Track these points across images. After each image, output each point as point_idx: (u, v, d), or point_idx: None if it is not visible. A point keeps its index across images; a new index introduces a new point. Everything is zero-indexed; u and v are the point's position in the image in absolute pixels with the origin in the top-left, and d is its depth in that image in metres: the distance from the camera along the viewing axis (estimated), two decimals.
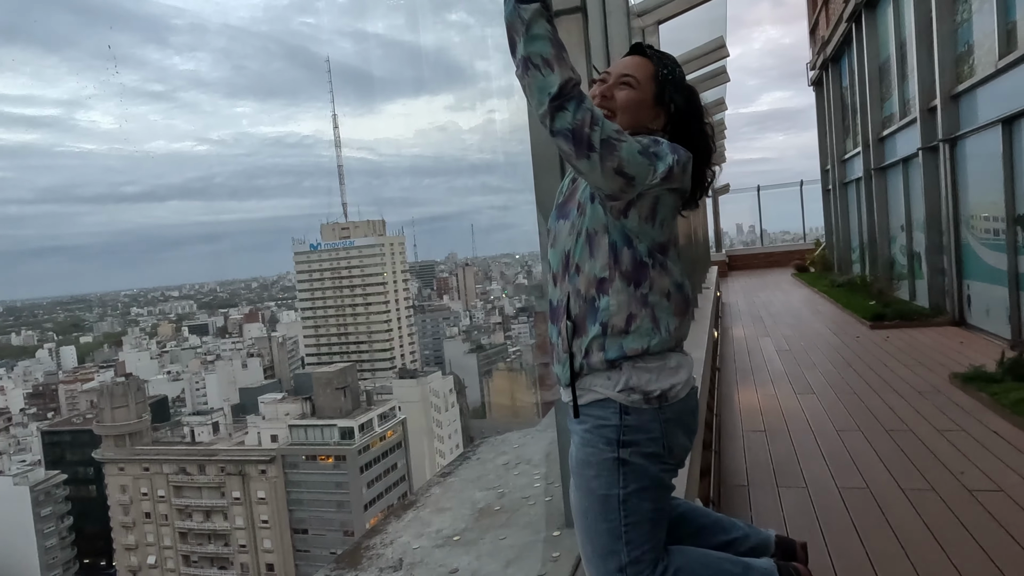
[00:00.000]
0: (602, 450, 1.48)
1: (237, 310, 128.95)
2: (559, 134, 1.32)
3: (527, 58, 1.29)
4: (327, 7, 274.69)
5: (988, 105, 8.19)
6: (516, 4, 1.30)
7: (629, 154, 1.35)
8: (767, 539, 1.80)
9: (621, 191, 1.40)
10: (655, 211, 1.45)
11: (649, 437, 1.47)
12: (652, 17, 5.24)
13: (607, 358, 1.46)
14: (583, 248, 1.49)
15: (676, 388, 1.49)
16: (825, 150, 19.22)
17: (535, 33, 1.29)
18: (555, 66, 1.29)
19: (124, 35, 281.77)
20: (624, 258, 1.46)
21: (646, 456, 1.47)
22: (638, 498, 1.47)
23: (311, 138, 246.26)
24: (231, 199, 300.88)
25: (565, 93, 1.29)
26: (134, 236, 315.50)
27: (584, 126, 1.30)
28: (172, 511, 60.26)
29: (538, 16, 1.29)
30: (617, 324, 1.46)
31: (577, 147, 1.31)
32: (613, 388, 1.47)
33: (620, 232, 1.46)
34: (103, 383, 69.36)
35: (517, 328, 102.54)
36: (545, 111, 1.31)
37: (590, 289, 1.48)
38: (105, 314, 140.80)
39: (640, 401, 1.46)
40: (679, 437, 1.52)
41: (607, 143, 1.32)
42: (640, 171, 1.37)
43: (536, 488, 2.89)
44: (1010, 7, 7.56)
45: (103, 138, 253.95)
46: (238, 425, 69.43)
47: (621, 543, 1.48)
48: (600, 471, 1.48)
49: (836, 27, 15.74)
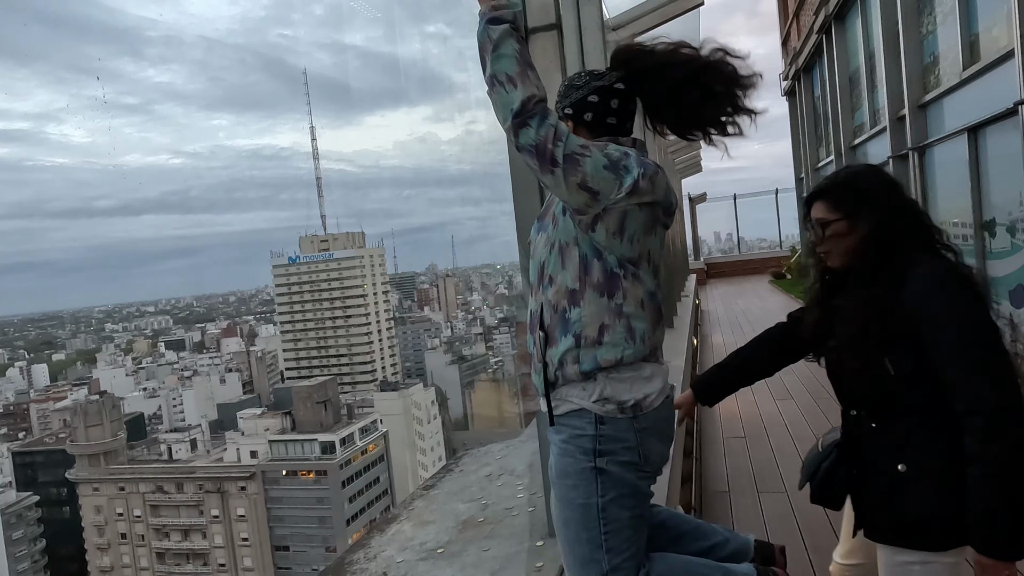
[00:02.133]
0: (579, 460, 1.50)
1: (215, 325, 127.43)
2: (523, 149, 1.36)
3: (493, 75, 1.35)
4: (304, 19, 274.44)
5: (954, 114, 8.41)
6: (486, 24, 1.36)
7: (593, 169, 1.37)
8: (746, 544, 1.83)
9: (587, 205, 1.41)
10: (623, 226, 1.45)
11: (625, 446, 1.49)
12: (627, 31, 5.31)
13: (582, 370, 1.48)
14: (556, 260, 1.51)
15: (650, 398, 1.51)
16: (799, 159, 19.54)
17: (501, 52, 1.35)
18: (518, 83, 1.33)
19: (97, 47, 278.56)
20: (594, 270, 1.47)
21: (622, 465, 1.49)
22: (617, 506, 1.49)
23: (288, 150, 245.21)
24: (208, 212, 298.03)
25: (527, 110, 1.33)
26: (108, 251, 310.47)
27: (547, 142, 1.33)
28: (149, 531, 59.09)
29: (506, 36, 1.35)
30: (590, 335, 1.47)
31: (541, 162, 1.35)
32: (588, 399, 1.48)
33: (589, 245, 1.47)
34: (76, 401, 68.03)
35: (499, 339, 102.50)
36: (509, 127, 1.35)
37: (561, 300, 1.50)
38: (78, 331, 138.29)
39: (615, 411, 1.48)
40: (655, 445, 1.54)
41: (570, 158, 1.35)
42: (605, 186, 1.39)
43: (519, 499, 2.89)
44: (972, 19, 7.78)
45: (76, 151, 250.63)
46: (216, 441, 68.40)
47: (601, 551, 1.50)
48: (578, 481, 1.50)
49: (807, 38, 16.06)
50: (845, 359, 1.59)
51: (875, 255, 1.55)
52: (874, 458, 1.60)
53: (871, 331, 1.50)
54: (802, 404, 6.12)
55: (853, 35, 12.96)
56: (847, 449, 1.69)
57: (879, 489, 1.58)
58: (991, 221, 7.73)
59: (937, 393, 1.46)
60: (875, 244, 1.55)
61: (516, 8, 1.41)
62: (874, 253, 1.55)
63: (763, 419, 5.76)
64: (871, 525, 1.63)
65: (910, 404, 1.52)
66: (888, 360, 1.50)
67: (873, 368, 1.52)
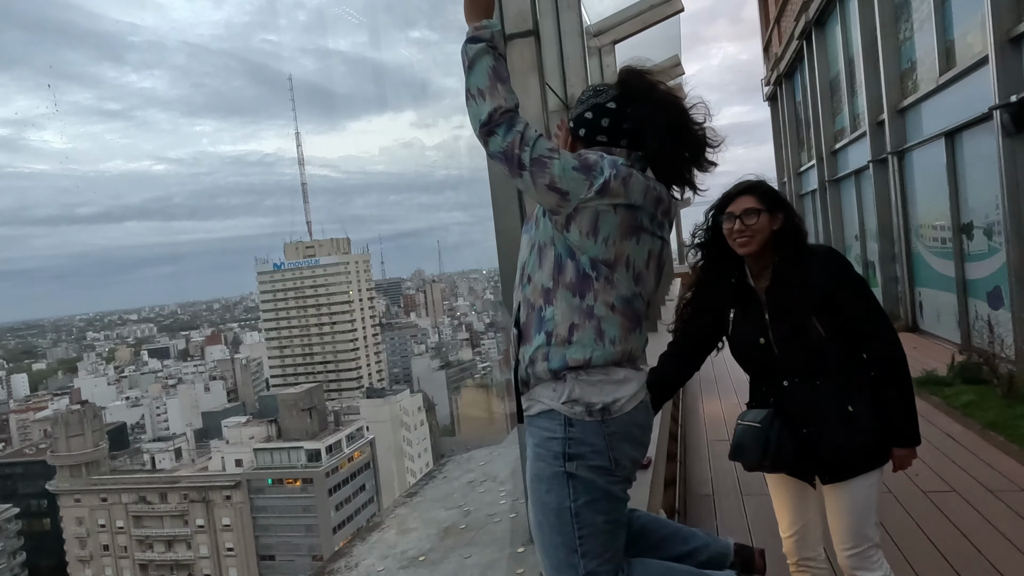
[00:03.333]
0: (551, 464, 1.51)
1: (199, 332, 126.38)
2: (494, 156, 1.46)
3: (468, 89, 1.47)
4: (289, 24, 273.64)
5: (932, 119, 8.54)
6: (466, 43, 1.48)
7: (562, 170, 1.44)
8: (726, 548, 1.83)
9: (558, 205, 1.47)
10: (596, 227, 1.48)
11: (594, 450, 1.49)
12: (608, 37, 5.36)
13: (550, 367, 1.50)
14: (534, 259, 1.56)
15: (620, 402, 1.51)
16: (781, 163, 19.75)
17: (476, 68, 1.46)
18: (487, 96, 1.44)
19: (78, 53, 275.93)
20: (567, 270, 1.51)
21: (592, 469, 1.49)
22: (590, 510, 1.49)
23: (272, 156, 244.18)
24: (191, 219, 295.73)
25: (494, 120, 1.43)
26: (89, 259, 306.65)
27: (513, 147, 1.43)
28: (132, 542, 58.27)
29: (481, 54, 1.46)
30: (560, 333, 1.50)
31: (510, 167, 1.44)
32: (557, 400, 1.50)
33: (564, 245, 1.51)
34: (57, 411, 67.06)
35: (486, 344, 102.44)
36: (479, 136, 1.46)
37: (537, 299, 1.54)
38: (59, 340, 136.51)
39: (583, 413, 1.49)
40: (626, 450, 1.53)
41: (538, 161, 1.43)
42: (574, 186, 1.44)
43: (502, 505, 2.89)
44: (948, 26, 7.92)
45: (56, 158, 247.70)
46: (201, 450, 67.73)
47: (577, 556, 1.49)
48: (551, 485, 1.51)
49: (788, 44, 16.25)
50: (785, 333, 1.97)
51: (792, 242, 1.98)
52: (824, 409, 1.96)
53: (805, 306, 1.93)
54: None
55: (833, 41, 13.13)
56: (789, 414, 2.00)
57: (835, 434, 1.94)
58: (969, 224, 7.85)
59: (850, 346, 1.96)
60: (791, 233, 1.98)
61: (495, 28, 1.51)
62: (792, 240, 1.98)
63: None
64: (831, 470, 1.98)
65: (834, 360, 1.95)
66: (819, 325, 1.94)
67: (811, 333, 1.93)
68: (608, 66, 5.51)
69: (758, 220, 1.95)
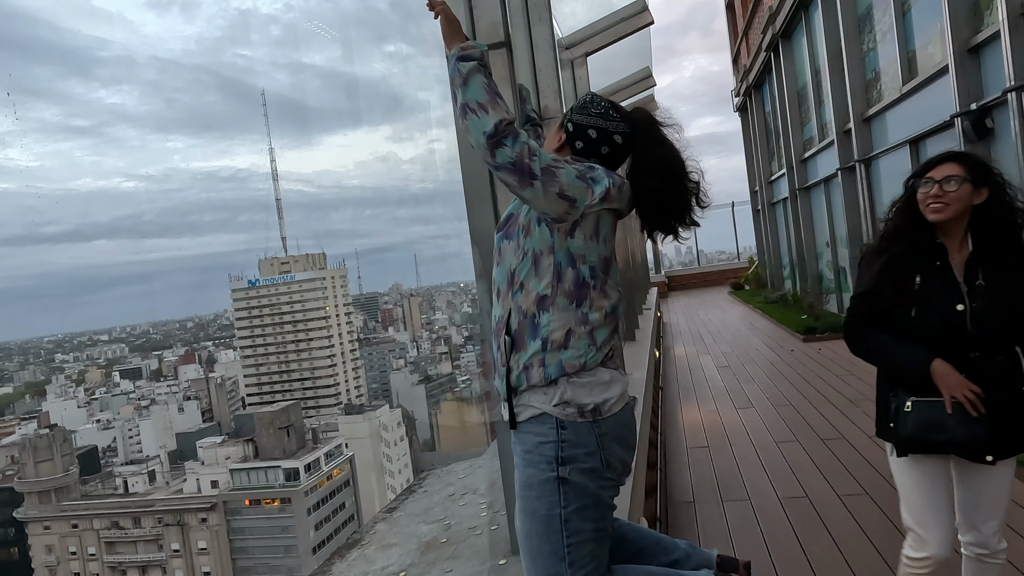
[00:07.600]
0: (542, 470, 1.52)
1: (172, 351, 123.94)
2: (502, 168, 1.45)
3: (465, 104, 1.47)
4: (262, 39, 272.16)
5: (896, 127, 8.75)
6: (456, 61, 1.50)
7: (568, 178, 1.49)
8: (708, 559, 1.84)
9: (566, 212, 1.52)
10: (598, 229, 1.57)
11: (587, 452, 1.51)
12: (580, 50, 5.42)
13: (547, 375, 1.52)
14: (529, 267, 1.57)
15: (610, 402, 1.55)
16: (753, 172, 20.06)
17: (471, 84, 1.48)
18: (489, 109, 1.45)
19: (44, 68, 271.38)
20: (567, 278, 1.55)
21: (585, 472, 1.51)
22: (579, 518, 1.50)
23: (246, 172, 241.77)
24: (162, 236, 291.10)
25: (500, 131, 1.44)
26: (57, 278, 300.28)
27: (524, 157, 1.44)
28: (104, 569, 56.66)
29: (475, 71, 1.49)
30: (557, 339, 1.53)
31: (520, 177, 1.45)
32: (549, 403, 1.52)
33: (565, 253, 1.55)
34: (25, 436, 64.95)
35: (466, 357, 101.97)
36: (485, 148, 1.45)
37: (532, 306, 1.56)
38: (27, 362, 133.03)
39: (575, 415, 1.52)
40: (616, 450, 1.56)
41: (547, 170, 1.46)
42: (580, 193, 1.50)
43: (482, 517, 2.86)
44: (909, 37, 8.14)
45: (21, 176, 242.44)
46: (176, 472, 66.16)
47: (564, 564, 1.50)
48: (541, 492, 1.52)
49: (756, 56, 16.56)
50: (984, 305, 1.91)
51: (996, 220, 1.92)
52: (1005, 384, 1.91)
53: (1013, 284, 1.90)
54: (763, 413, 6.22)
55: (800, 52, 13.41)
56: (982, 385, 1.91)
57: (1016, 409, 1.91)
58: None
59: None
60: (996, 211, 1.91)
61: (483, 48, 1.55)
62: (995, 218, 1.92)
63: (726, 429, 5.83)
64: (1010, 445, 1.94)
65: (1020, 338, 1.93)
66: None
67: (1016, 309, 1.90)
68: (580, 78, 5.56)
69: (958, 189, 1.89)
